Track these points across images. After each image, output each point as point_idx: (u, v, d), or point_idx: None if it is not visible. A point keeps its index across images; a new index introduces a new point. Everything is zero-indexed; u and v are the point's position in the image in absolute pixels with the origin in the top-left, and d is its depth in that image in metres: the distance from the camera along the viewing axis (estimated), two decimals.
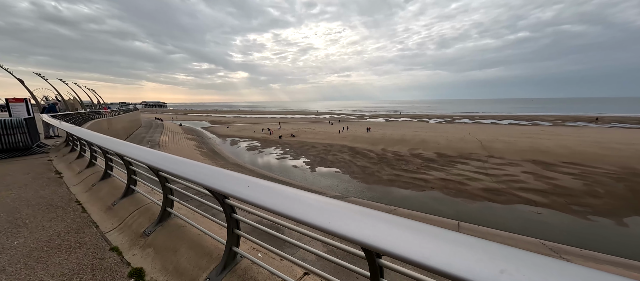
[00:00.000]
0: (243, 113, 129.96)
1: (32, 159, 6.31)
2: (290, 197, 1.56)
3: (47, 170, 5.34)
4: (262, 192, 1.66)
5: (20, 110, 10.90)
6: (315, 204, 1.46)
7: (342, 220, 1.30)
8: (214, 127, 63.37)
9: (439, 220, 12.72)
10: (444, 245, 1.07)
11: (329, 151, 32.92)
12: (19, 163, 5.89)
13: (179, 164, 2.23)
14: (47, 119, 8.00)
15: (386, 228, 1.20)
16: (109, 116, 25.06)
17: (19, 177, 5.00)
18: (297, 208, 1.44)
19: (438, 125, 61.79)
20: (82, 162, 5.09)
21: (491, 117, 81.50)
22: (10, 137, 7.16)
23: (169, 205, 2.82)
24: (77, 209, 3.73)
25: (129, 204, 3.33)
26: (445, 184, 19.38)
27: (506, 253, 1.00)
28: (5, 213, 3.64)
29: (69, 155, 5.95)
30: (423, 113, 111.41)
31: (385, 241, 1.13)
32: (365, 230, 1.21)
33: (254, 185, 1.74)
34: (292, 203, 1.49)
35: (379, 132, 45.55)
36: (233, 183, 1.83)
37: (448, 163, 25.34)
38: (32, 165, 5.68)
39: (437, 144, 34.13)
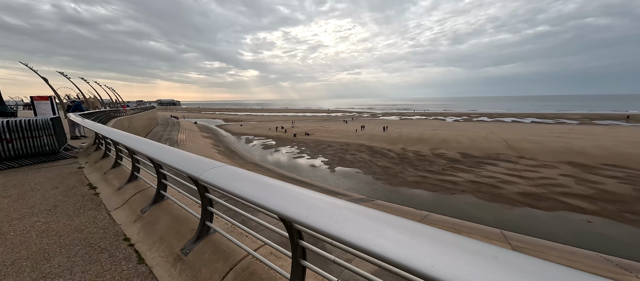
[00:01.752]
0: (254, 112, 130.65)
1: (60, 166, 5.54)
2: (243, 178, 1.79)
3: (79, 183, 4.46)
4: (226, 175, 1.87)
5: (45, 109, 10.58)
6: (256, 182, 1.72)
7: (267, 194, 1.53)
8: (227, 125, 63.64)
9: (480, 228, 11.63)
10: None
11: (347, 150, 32.04)
12: (46, 171, 5.13)
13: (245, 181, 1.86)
14: (76, 119, 7.18)
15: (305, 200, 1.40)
16: (128, 114, 25.12)
17: (46, 192, 4.14)
18: (252, 190, 1.63)
19: (456, 123, 59.64)
20: (120, 173, 4.19)
21: (511, 115, 78.09)
22: (36, 139, 6.34)
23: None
24: (129, 255, 2.62)
25: (220, 262, 2.25)
26: (477, 187, 18.15)
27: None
28: (30, 261, 2.52)
29: (102, 161, 5.13)
30: (438, 111, 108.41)
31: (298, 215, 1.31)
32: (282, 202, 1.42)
33: (224, 172, 1.93)
34: (243, 184, 1.71)
35: (395, 131, 44.21)
36: (204, 167, 2.05)
37: (475, 164, 23.96)
38: (61, 175, 4.90)
39: (459, 144, 32.59)
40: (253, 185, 1.65)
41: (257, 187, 1.61)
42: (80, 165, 5.64)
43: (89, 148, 7.11)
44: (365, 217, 1.18)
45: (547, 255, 9.34)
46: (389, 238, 1.04)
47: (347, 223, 1.15)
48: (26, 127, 6.38)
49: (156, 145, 2.78)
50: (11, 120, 5.96)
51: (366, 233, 1.09)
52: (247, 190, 1.61)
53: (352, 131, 44.81)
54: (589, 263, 9.12)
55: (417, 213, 13.76)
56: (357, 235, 1.10)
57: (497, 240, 10.33)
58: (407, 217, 1.17)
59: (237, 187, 1.66)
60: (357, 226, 1.13)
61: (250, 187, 1.63)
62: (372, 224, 1.13)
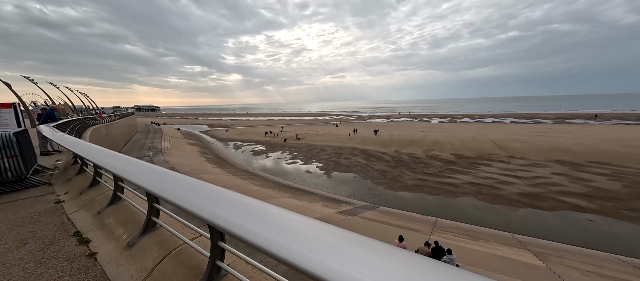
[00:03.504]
0: (240, 116, 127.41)
1: (28, 200, 3.84)
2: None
3: (61, 232, 2.82)
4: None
5: (7, 119, 8.93)
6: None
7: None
8: (212, 130, 61.14)
9: (493, 233, 11.31)
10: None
11: (341, 154, 31.42)
12: (7, 210, 3.34)
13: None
14: (50, 134, 5.44)
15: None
16: (105, 121, 22.99)
17: (8, 256, 2.41)
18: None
19: (442, 125, 60.96)
20: (124, 212, 2.77)
21: (491, 115, 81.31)
22: None
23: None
24: None
25: None
26: (477, 189, 18.06)
27: None
28: None
29: (90, 191, 3.61)
30: (422, 113, 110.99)
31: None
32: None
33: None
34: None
35: (386, 133, 44.30)
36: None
37: (470, 165, 24.11)
38: (30, 216, 3.19)
39: (450, 145, 32.98)
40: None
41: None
42: (58, 197, 3.93)
43: (68, 169, 5.47)
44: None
45: (570, 260, 9.09)
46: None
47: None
48: None
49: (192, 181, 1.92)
50: None
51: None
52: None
53: (344, 134, 44.34)
54: (610, 267, 8.95)
55: (426, 219, 13.28)
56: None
57: (514, 245, 9.99)
58: (416, 224, 4.14)
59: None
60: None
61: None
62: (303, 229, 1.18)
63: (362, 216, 11.70)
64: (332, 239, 1.10)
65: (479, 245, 8.79)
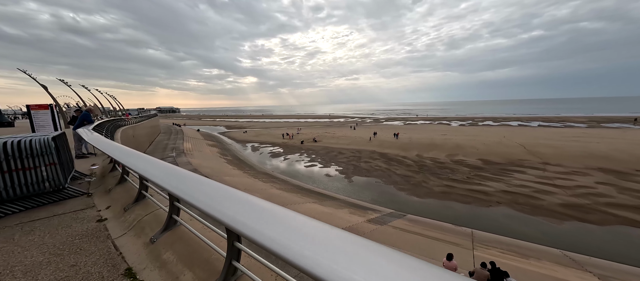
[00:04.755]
0: (255, 118, 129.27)
1: (66, 217, 3.28)
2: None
3: (110, 270, 2.27)
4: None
5: (44, 120, 9.12)
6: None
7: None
8: (230, 132, 62.18)
9: (541, 249, 10.27)
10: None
11: (360, 158, 30.69)
12: (43, 233, 2.85)
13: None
14: (93, 140, 4.79)
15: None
16: (131, 123, 23.73)
17: None
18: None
19: (463, 128, 58.58)
20: (183, 240, 2.28)
21: (515, 118, 77.27)
22: (31, 172, 3.78)
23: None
24: None
25: None
26: (513, 198, 16.79)
27: None
28: None
29: (136, 207, 3.15)
30: (440, 115, 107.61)
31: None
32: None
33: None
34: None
35: (404, 136, 43.03)
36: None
37: (500, 171, 22.65)
38: (70, 242, 2.67)
39: (475, 149, 31.35)
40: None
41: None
42: (100, 214, 3.39)
43: (105, 177, 4.98)
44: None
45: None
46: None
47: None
48: (14, 153, 3.66)
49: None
50: None
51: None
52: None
53: (362, 137, 43.50)
54: None
55: (461, 231, 12.36)
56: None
57: (569, 265, 8.95)
58: (453, 237, 3.53)
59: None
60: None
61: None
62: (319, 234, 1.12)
63: (392, 225, 11.03)
64: (358, 250, 1.03)
65: (531, 264, 7.90)
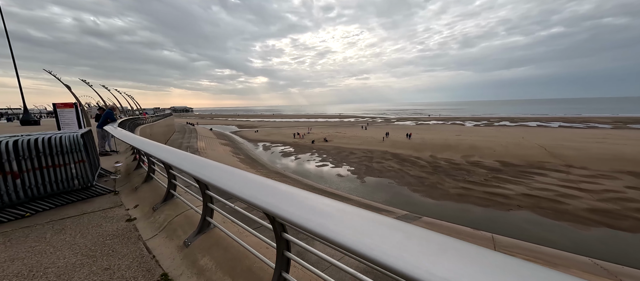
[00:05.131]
0: (266, 118, 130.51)
1: (96, 216, 3.24)
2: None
3: (145, 274, 2.21)
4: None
5: (69, 118, 9.42)
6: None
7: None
8: (242, 131, 62.98)
9: (570, 257, 9.71)
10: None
11: (371, 158, 30.32)
12: (74, 231, 2.83)
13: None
14: (130, 139, 4.55)
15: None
16: (148, 122, 24.38)
17: None
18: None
19: (478, 128, 56.93)
20: (218, 242, 2.23)
21: (534, 118, 74.36)
22: (60, 169, 3.77)
23: None
24: None
25: None
26: (535, 202, 16.08)
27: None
28: None
29: (166, 207, 3.07)
30: (453, 115, 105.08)
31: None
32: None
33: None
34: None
35: (417, 137, 42.24)
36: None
37: (520, 174, 21.78)
38: (102, 245, 2.60)
39: (492, 150, 30.34)
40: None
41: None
42: (128, 213, 3.32)
43: (130, 174, 4.99)
44: (350, 214, 1.14)
45: None
46: (375, 237, 1.01)
47: (328, 219, 1.10)
48: (44, 149, 3.64)
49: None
50: (21, 138, 3.53)
51: (349, 230, 1.05)
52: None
53: (373, 137, 43.03)
54: None
55: (480, 235, 11.90)
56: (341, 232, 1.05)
57: (602, 275, 8.41)
58: (473, 241, 1.02)
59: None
60: (340, 223, 1.08)
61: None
62: (361, 223, 1.09)
63: None
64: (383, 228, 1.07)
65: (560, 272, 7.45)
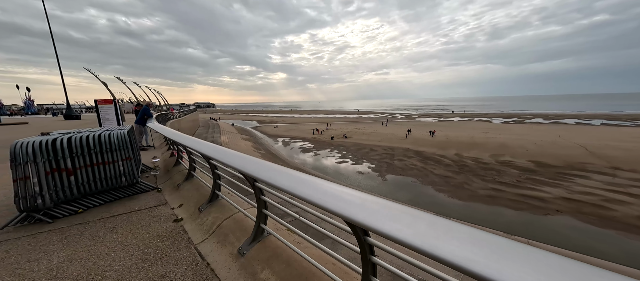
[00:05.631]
0: (284, 113, 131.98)
1: (144, 214, 3.26)
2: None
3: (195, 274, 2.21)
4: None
5: (109, 114, 9.96)
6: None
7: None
8: (262, 126, 64.17)
9: (622, 269, 8.81)
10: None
11: (393, 155, 29.60)
12: (125, 230, 2.86)
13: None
14: (178, 137, 4.32)
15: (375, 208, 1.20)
16: (176, 117, 25.54)
17: None
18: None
19: (507, 125, 53.64)
20: (276, 252, 2.10)
21: (571, 116, 68.70)
22: (109, 166, 3.83)
23: None
24: None
25: None
26: (576, 207, 14.83)
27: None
28: None
29: (212, 209, 2.99)
30: (479, 112, 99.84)
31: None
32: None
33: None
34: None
35: (441, 134, 40.64)
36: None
37: (558, 175, 20.18)
38: (154, 248, 2.56)
39: (525, 150, 28.42)
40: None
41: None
42: (174, 212, 3.27)
43: (170, 171, 5.03)
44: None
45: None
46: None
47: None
48: (95, 146, 3.68)
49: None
50: (74, 136, 3.61)
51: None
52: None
53: (394, 134, 42.00)
54: None
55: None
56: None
57: None
58: None
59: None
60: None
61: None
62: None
63: None
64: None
65: None
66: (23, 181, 2.98)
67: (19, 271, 2.21)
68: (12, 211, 3.63)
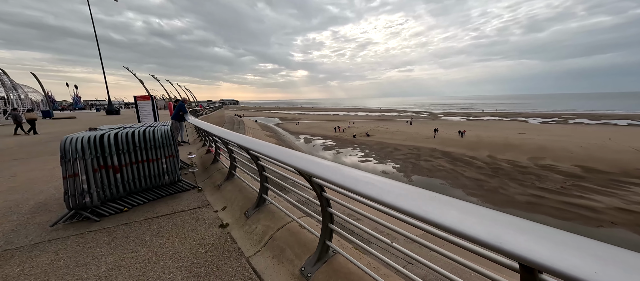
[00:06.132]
0: (305, 110, 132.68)
1: (187, 216, 3.14)
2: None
3: None
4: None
5: (146, 110, 10.33)
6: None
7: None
8: (284, 123, 64.88)
9: None
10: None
11: (418, 155, 28.38)
12: (173, 240, 2.65)
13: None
14: (225, 134, 3.96)
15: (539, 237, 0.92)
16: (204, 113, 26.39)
17: None
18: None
19: (546, 126, 49.41)
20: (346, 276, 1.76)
21: (623, 116, 61.70)
22: (153, 164, 3.76)
23: None
24: None
25: None
26: (634, 219, 13.11)
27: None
28: None
29: (261, 216, 2.77)
30: (514, 111, 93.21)
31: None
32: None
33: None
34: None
35: (471, 134, 38.36)
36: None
37: (610, 183, 18.06)
38: (203, 257, 2.40)
39: (568, 153, 25.89)
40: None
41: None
42: (218, 216, 3.08)
43: (208, 169, 4.89)
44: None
45: None
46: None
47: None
48: (140, 143, 3.63)
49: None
50: (121, 132, 3.58)
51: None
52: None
53: (419, 133, 40.37)
54: None
55: None
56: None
57: None
58: None
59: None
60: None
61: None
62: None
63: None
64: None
65: None
66: (72, 178, 2.99)
67: (67, 277, 2.13)
68: (62, 207, 3.71)
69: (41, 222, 3.18)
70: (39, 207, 3.73)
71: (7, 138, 12.23)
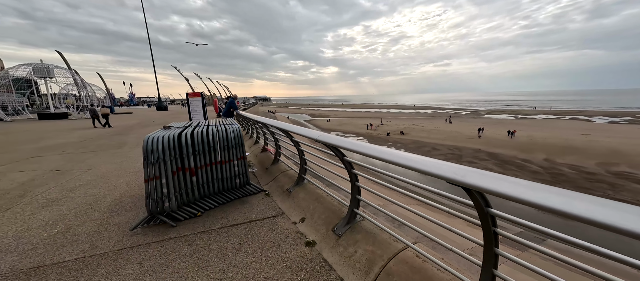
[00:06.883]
0: (335, 107, 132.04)
1: (264, 226, 2.95)
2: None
3: None
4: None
5: (196, 107, 10.68)
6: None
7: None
8: (315, 120, 65.10)
9: None
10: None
11: (460, 156, 26.34)
12: (260, 257, 2.41)
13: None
14: (301, 130, 3.59)
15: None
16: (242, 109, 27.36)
17: None
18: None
19: (616, 126, 42.83)
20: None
21: None
22: (226, 166, 3.61)
23: None
24: None
25: None
26: None
27: None
28: None
29: (347, 228, 2.43)
30: (574, 109, 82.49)
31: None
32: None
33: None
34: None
35: (522, 134, 34.62)
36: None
37: None
38: (289, 268, 2.23)
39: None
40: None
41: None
42: (302, 233, 2.76)
43: (269, 169, 4.67)
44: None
45: None
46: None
47: None
48: (214, 143, 3.47)
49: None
50: (196, 130, 3.45)
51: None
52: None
53: (460, 132, 37.54)
54: None
55: None
56: None
57: None
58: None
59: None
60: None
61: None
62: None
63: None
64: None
65: None
66: (154, 181, 2.92)
67: None
68: (135, 205, 3.74)
69: (120, 223, 3.21)
70: (116, 204, 3.84)
71: (88, 131, 13.71)
